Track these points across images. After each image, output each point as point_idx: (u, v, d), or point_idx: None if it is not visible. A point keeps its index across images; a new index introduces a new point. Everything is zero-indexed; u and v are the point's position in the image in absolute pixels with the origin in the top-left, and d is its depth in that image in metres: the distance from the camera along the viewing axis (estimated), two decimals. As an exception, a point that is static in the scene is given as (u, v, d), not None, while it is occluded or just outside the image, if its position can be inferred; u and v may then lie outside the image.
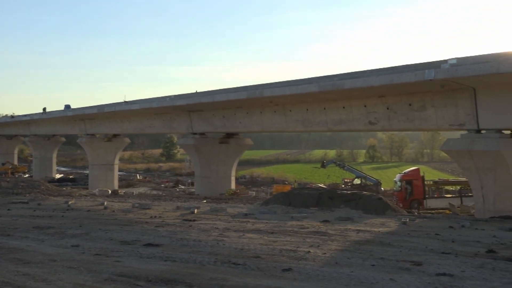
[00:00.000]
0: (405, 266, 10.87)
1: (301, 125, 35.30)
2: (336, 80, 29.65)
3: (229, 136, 46.58)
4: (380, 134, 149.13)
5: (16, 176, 65.07)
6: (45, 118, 70.38)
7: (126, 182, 73.99)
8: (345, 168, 63.30)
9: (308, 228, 17.05)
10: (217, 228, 17.29)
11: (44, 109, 70.91)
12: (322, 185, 63.14)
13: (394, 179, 49.90)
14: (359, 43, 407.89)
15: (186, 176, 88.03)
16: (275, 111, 36.95)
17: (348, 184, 62.01)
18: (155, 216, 21.13)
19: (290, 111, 35.71)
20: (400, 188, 45.72)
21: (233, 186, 48.88)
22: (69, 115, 63.06)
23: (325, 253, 12.40)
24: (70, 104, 67.79)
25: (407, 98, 28.09)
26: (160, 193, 52.40)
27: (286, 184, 68.34)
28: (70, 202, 27.57)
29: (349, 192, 26.73)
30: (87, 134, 62.73)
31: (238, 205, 28.94)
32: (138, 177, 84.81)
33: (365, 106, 30.50)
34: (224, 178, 47.11)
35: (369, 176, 60.29)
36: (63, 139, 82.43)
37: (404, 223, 18.23)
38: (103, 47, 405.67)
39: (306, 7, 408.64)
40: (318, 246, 13.46)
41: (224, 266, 10.99)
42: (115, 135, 61.20)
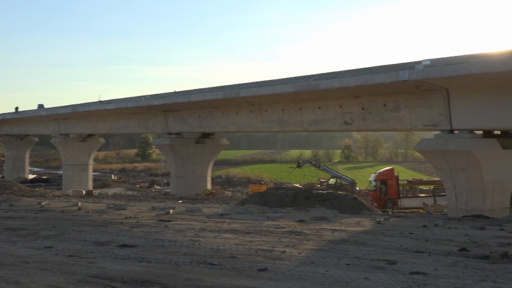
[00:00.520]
0: (380, 265, 10.96)
1: (277, 125, 35.38)
2: (311, 80, 29.79)
3: (205, 136, 46.48)
4: (355, 134, 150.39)
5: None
6: (18, 117, 69.28)
7: (100, 182, 73.28)
8: (321, 168, 63.62)
9: (283, 228, 17.09)
10: (193, 228, 17.22)
11: (16, 108, 69.86)
12: (297, 185, 63.37)
13: (369, 179, 50.33)
14: (333, 44, 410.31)
15: (161, 176, 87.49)
16: (251, 111, 36.98)
17: (324, 184, 62.33)
18: (130, 217, 20.96)
19: (266, 111, 35.78)
20: (375, 188, 46.13)
21: (209, 186, 48.80)
22: (43, 115, 62.20)
23: (300, 253, 12.44)
24: (43, 103, 66.99)
25: (382, 99, 28.36)
26: (135, 193, 52.00)
27: (262, 184, 68.41)
28: (43, 203, 27.21)
29: (324, 192, 26.87)
30: (61, 134, 61.97)
31: (214, 205, 28.89)
32: (113, 178, 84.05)
33: (340, 106, 30.70)
34: (200, 178, 47.00)
35: (344, 176, 60.67)
36: (36, 139, 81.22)
37: (379, 223, 18.39)
38: (77, 46, 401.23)
39: (281, 7, 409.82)
40: (294, 245, 13.50)
41: (199, 266, 10.95)
42: (89, 135, 60.59)
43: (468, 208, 25.21)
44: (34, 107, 67.30)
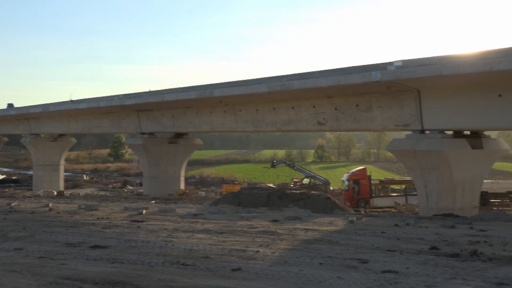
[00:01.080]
0: (352, 264, 11.06)
1: (250, 125, 35.41)
2: (285, 80, 29.89)
3: (178, 136, 46.29)
4: (328, 134, 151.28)
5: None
6: (-14, 117, 68.02)
7: (72, 183, 72.33)
8: (295, 168, 63.87)
9: (257, 227, 17.11)
10: (166, 228, 17.12)
11: (-15, 108, 68.60)
12: (271, 185, 63.48)
13: (342, 178, 50.68)
14: (306, 44, 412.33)
15: (134, 176, 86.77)
16: (225, 111, 36.94)
17: (298, 184, 62.58)
18: (102, 218, 20.73)
19: (240, 111, 35.78)
20: (347, 188, 46.48)
21: (182, 186, 48.62)
22: (12, 114, 61.16)
23: (274, 253, 12.47)
24: (13, 103, 65.94)
25: (355, 99, 28.61)
26: (108, 193, 51.47)
27: (235, 184, 68.36)
28: (13, 204, 26.74)
29: (298, 191, 26.98)
30: (32, 134, 61.02)
31: (188, 205, 28.78)
32: (85, 178, 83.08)
33: (313, 106, 30.87)
34: (173, 178, 46.81)
35: (318, 176, 61.00)
36: (5, 139, 79.87)
37: (351, 222, 18.54)
38: (48, 45, 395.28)
39: (254, 7, 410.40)
40: (267, 245, 13.52)
41: (172, 267, 10.89)
42: (61, 135, 59.79)
43: (439, 207, 25.59)
44: (4, 106, 66.34)
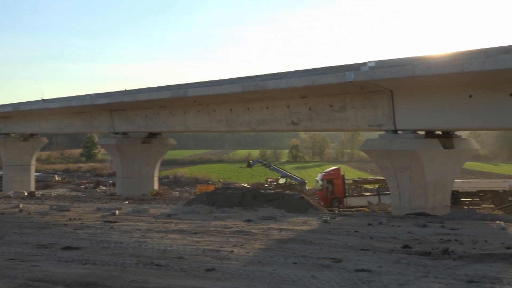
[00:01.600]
0: (326, 263, 11.13)
1: (225, 125, 35.34)
2: (259, 81, 29.91)
3: (152, 136, 45.96)
4: (302, 134, 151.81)
5: None
6: (-46, 116, 66.51)
7: (43, 183, 71.36)
8: (271, 168, 64.02)
9: (231, 227, 17.10)
10: (139, 229, 17.00)
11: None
12: (245, 185, 63.50)
13: (316, 178, 50.92)
14: (278, 44, 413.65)
15: (107, 176, 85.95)
16: (199, 111, 36.80)
17: (272, 183, 62.72)
18: (75, 218, 20.49)
19: (214, 111, 35.69)
20: (321, 187, 46.69)
21: (156, 186, 48.29)
22: (-18, 113, 59.94)
23: (248, 252, 12.47)
24: (-18, 101, 64.61)
25: (329, 99, 28.76)
26: (80, 194, 50.86)
27: (210, 184, 68.20)
28: (-18, 205, 26.25)
29: (272, 191, 27.03)
30: (1, 134, 59.85)
31: (161, 205, 28.62)
32: (57, 178, 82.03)
33: (288, 106, 30.95)
34: (147, 179, 46.46)
35: (294, 175, 61.24)
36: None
37: (325, 221, 18.66)
38: (18, 43, 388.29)
39: (227, 6, 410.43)
40: (242, 245, 13.52)
41: (146, 267, 10.82)
42: (32, 135, 58.81)
43: (411, 207, 25.90)
44: (-28, 105, 64.74)
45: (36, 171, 68.73)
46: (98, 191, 60.44)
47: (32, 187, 58.24)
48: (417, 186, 26.17)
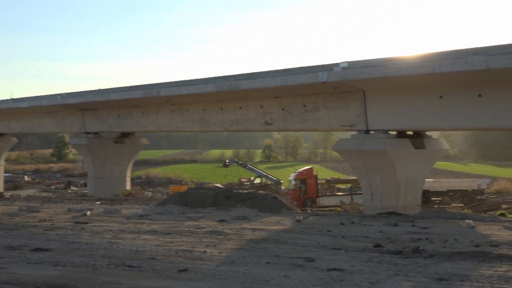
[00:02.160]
0: (299, 262, 11.17)
1: (198, 125, 35.23)
2: (232, 80, 29.88)
3: (124, 135, 45.58)
4: (276, 134, 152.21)
5: None
6: None
7: (13, 184, 70.01)
8: (247, 168, 64.09)
9: (204, 228, 17.04)
10: (111, 230, 16.82)
11: None
12: (219, 185, 63.38)
13: (289, 178, 51.14)
14: (252, 44, 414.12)
15: (78, 177, 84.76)
16: (172, 111, 36.61)
17: (246, 184, 62.72)
18: (45, 219, 20.16)
19: (187, 110, 35.54)
20: (294, 187, 46.92)
21: (128, 186, 47.88)
22: None
23: (221, 253, 12.45)
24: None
25: (302, 100, 28.90)
26: (51, 195, 50.11)
27: (183, 184, 67.87)
28: (-51, 206, 25.66)
29: (245, 191, 27.03)
30: (-31, 133, 58.63)
31: (133, 206, 28.36)
32: (26, 179, 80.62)
33: (261, 106, 31.00)
34: (119, 179, 46.06)
35: (270, 175, 61.37)
36: None
37: (298, 221, 18.73)
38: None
39: (202, 6, 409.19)
40: (215, 245, 13.49)
41: (118, 269, 10.71)
42: (0, 134, 57.72)
43: (383, 206, 26.18)
44: None
45: (5, 172, 67.50)
46: (69, 191, 59.58)
47: (1, 188, 57.17)
48: (389, 186, 26.46)
